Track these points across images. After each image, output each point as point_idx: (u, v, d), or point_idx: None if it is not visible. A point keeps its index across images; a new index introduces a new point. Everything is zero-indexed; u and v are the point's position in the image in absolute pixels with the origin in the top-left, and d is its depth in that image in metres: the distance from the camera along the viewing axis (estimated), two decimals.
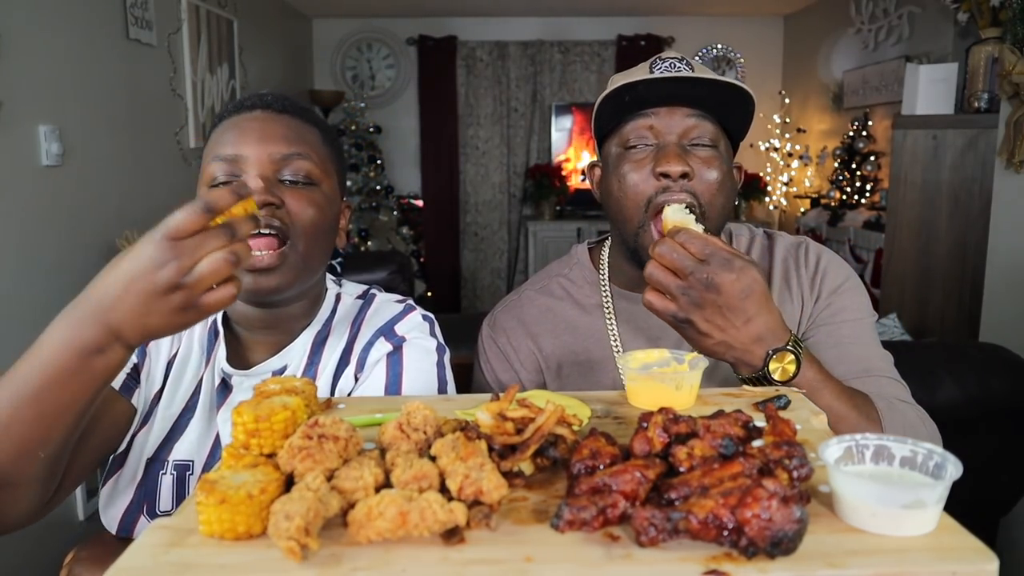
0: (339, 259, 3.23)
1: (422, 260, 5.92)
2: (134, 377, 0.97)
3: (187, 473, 0.94)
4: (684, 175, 0.98)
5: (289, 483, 0.52)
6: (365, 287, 1.10)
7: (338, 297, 1.05)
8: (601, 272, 1.14)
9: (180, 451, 0.95)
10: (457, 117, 5.92)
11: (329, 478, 0.52)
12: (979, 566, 0.44)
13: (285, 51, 5.20)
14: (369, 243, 5.44)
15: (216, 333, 1.00)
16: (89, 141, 2.65)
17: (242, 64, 4.20)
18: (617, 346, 1.08)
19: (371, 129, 5.50)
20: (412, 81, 5.93)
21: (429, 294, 5.65)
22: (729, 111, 1.02)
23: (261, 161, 0.89)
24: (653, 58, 1.03)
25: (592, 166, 1.14)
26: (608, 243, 1.17)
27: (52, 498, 0.87)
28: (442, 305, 5.95)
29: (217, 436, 0.95)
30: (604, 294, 1.12)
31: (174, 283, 0.64)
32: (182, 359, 0.99)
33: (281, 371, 0.97)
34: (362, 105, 5.50)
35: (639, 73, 1.02)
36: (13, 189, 2.28)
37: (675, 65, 1.00)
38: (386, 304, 1.05)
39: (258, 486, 0.49)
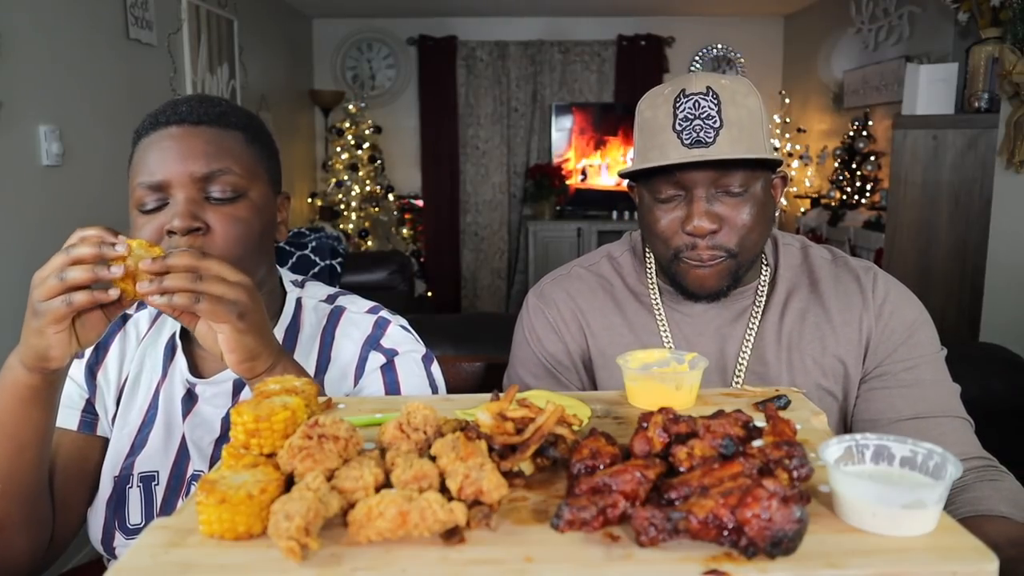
0: (339, 259, 3.23)
1: (422, 260, 5.91)
2: (89, 411, 0.99)
3: (153, 484, 0.96)
4: (712, 232, 0.97)
5: (289, 483, 0.52)
6: (331, 291, 1.08)
7: (299, 302, 1.04)
8: (648, 264, 1.13)
9: (143, 464, 0.96)
10: (457, 117, 5.91)
11: (329, 478, 0.52)
12: (979, 566, 0.44)
13: (285, 51, 5.20)
14: (369, 243, 5.44)
15: (173, 348, 1.01)
16: (89, 141, 2.65)
17: (242, 64, 4.20)
18: (668, 339, 1.07)
19: (371, 129, 5.50)
20: (412, 81, 5.93)
21: (429, 294, 5.65)
22: (758, 161, 0.98)
23: (184, 184, 0.88)
24: (678, 90, 0.97)
25: (630, 184, 1.12)
26: None
27: (52, 544, 0.92)
28: (442, 305, 5.95)
29: (183, 445, 0.96)
30: (651, 285, 1.11)
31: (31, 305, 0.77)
32: (132, 381, 1.00)
33: (243, 379, 0.97)
34: (363, 105, 5.50)
35: (663, 111, 0.97)
36: (13, 189, 2.28)
37: (699, 104, 0.96)
38: (359, 317, 1.03)
39: (258, 486, 0.49)
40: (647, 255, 1.14)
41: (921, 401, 1.00)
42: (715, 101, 0.96)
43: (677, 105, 0.97)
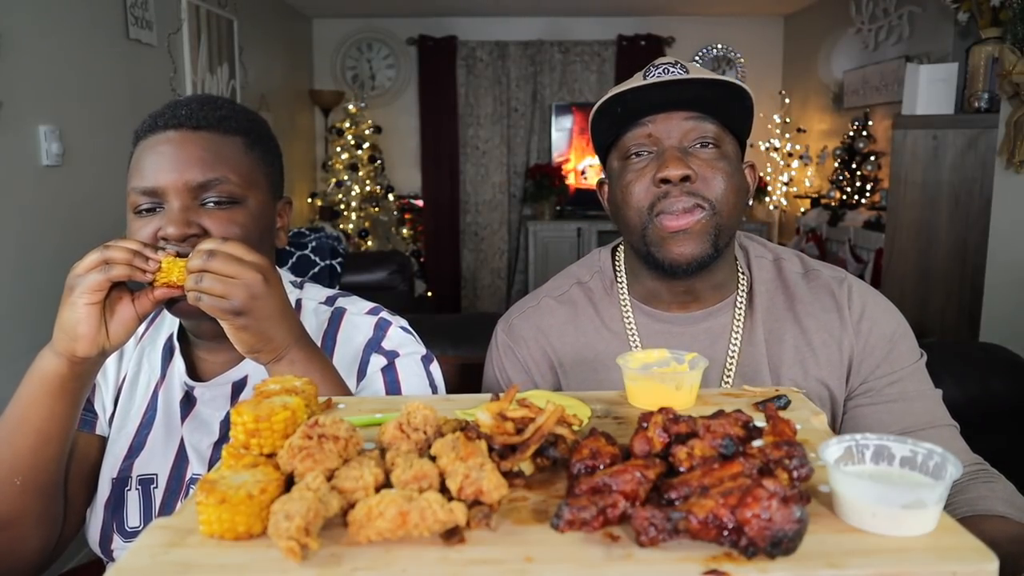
0: (339, 259, 3.23)
1: (422, 260, 5.91)
2: (89, 410, 0.99)
3: (152, 487, 0.96)
4: (685, 178, 0.96)
5: (289, 483, 0.52)
6: (330, 293, 1.07)
7: (298, 304, 1.04)
8: (619, 282, 1.11)
9: (142, 467, 0.96)
10: (457, 117, 5.92)
11: (329, 478, 0.52)
12: (979, 566, 0.44)
13: (285, 51, 5.20)
14: (369, 243, 5.44)
15: (171, 350, 1.01)
16: (89, 141, 2.65)
17: (242, 64, 4.20)
18: None
19: (371, 129, 5.50)
20: (412, 81, 5.93)
21: (429, 294, 5.64)
22: (728, 109, 1.00)
23: (179, 191, 0.87)
24: (648, 66, 1.01)
25: (600, 183, 1.12)
26: (623, 250, 1.14)
27: (59, 541, 0.92)
28: (442, 305, 5.95)
29: (181, 448, 0.96)
30: (625, 310, 1.08)
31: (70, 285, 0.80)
32: (130, 381, 1.01)
33: (242, 381, 0.98)
34: (363, 105, 5.50)
35: (634, 83, 1.00)
36: (13, 189, 2.28)
37: (669, 70, 0.98)
38: (360, 319, 1.03)
39: (258, 486, 0.49)
40: (618, 272, 1.11)
41: (908, 415, 1.00)
42: (683, 69, 0.99)
43: (647, 73, 0.99)
